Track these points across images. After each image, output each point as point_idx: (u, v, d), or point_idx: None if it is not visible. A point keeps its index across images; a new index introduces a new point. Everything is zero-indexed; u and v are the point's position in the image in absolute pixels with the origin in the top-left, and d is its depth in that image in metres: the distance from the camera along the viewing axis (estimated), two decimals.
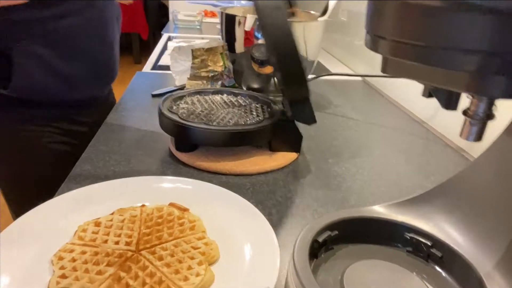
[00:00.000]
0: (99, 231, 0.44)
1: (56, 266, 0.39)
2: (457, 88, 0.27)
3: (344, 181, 0.62)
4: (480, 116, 0.29)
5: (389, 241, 0.41)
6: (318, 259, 0.38)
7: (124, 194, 0.51)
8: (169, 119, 0.61)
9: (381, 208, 0.42)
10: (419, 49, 0.26)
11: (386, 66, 0.31)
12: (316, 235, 0.37)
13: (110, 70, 0.89)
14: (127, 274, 0.38)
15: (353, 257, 0.38)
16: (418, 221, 0.40)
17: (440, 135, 0.81)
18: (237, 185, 0.58)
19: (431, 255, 0.38)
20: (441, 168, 0.68)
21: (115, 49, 0.88)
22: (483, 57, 0.24)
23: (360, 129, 0.82)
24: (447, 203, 0.40)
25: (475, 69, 0.24)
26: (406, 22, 0.26)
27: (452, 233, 0.38)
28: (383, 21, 0.28)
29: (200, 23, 1.90)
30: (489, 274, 0.34)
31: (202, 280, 0.38)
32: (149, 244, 0.43)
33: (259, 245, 0.43)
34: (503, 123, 0.36)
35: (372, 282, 0.35)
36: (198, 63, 0.88)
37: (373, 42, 0.29)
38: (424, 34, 0.25)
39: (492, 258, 0.34)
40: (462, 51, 0.24)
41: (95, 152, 0.64)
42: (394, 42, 0.27)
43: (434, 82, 0.28)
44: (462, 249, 0.36)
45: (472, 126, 0.30)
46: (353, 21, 1.33)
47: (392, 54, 0.28)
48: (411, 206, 0.41)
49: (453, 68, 0.25)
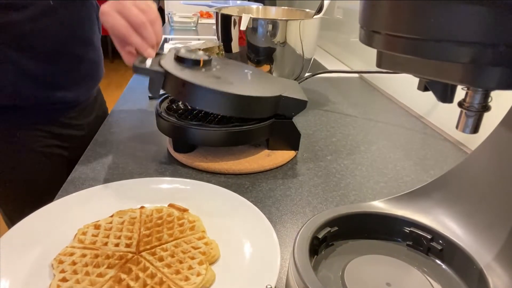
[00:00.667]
0: (99, 233, 0.44)
1: (56, 270, 0.39)
2: (452, 81, 0.27)
3: (343, 177, 0.62)
4: (476, 108, 0.29)
5: (389, 236, 0.41)
6: (319, 256, 0.38)
7: (123, 196, 0.51)
8: (166, 120, 0.61)
9: (381, 203, 0.42)
10: (413, 42, 0.26)
11: (381, 61, 0.31)
12: (316, 231, 0.37)
13: (93, 70, 0.87)
14: (128, 275, 0.38)
15: (354, 253, 0.38)
16: (418, 215, 0.40)
17: (438, 129, 0.81)
18: (236, 184, 0.58)
19: (431, 249, 0.38)
20: (439, 162, 0.68)
21: (96, 48, 0.86)
22: (477, 48, 0.24)
23: (358, 126, 0.82)
24: (446, 196, 0.40)
25: (470, 60, 0.24)
26: (399, 16, 0.26)
27: (452, 226, 0.38)
28: (377, 15, 0.28)
29: (196, 24, 1.90)
30: (489, 266, 0.34)
31: (203, 280, 0.38)
32: (149, 246, 0.43)
33: (259, 243, 0.43)
34: (500, 115, 0.36)
35: (373, 277, 0.35)
36: None
37: (367, 37, 0.29)
38: (418, 26, 0.25)
39: (492, 249, 0.34)
40: (456, 43, 0.24)
41: (93, 155, 0.64)
42: (388, 36, 0.27)
43: (429, 75, 0.28)
44: (462, 242, 0.36)
45: (468, 118, 0.30)
46: (349, 18, 1.34)
47: (387, 48, 0.28)
48: (410, 200, 0.41)
49: (448, 60, 0.25)
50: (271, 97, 0.60)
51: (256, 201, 0.54)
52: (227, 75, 0.63)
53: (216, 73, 0.62)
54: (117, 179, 0.56)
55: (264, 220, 0.46)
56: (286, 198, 0.55)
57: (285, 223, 0.50)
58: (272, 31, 0.80)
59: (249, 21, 0.80)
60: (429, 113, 0.86)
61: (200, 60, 0.62)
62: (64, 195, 0.51)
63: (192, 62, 0.62)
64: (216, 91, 0.56)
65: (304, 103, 0.63)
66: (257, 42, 0.82)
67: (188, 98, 0.58)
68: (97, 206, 0.49)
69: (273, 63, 0.84)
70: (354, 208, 0.41)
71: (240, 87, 0.60)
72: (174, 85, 0.58)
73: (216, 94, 0.56)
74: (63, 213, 0.47)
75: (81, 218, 0.46)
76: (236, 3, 1.53)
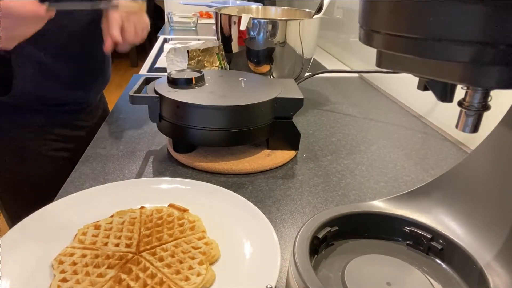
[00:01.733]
0: (99, 234, 0.44)
1: (56, 270, 0.39)
2: (452, 80, 0.27)
3: (343, 177, 0.62)
4: (476, 107, 0.29)
5: (389, 235, 0.41)
6: (319, 255, 0.38)
7: (123, 197, 0.51)
8: (166, 120, 0.61)
9: (381, 202, 0.42)
10: (413, 41, 0.26)
11: (380, 60, 0.31)
12: (316, 231, 0.37)
13: (105, 69, 0.88)
14: (128, 276, 0.38)
15: (354, 253, 0.38)
16: (418, 215, 0.40)
17: (438, 129, 0.81)
18: (236, 184, 0.58)
19: (431, 248, 0.38)
20: (440, 161, 0.68)
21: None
22: (477, 47, 0.24)
23: (358, 125, 0.82)
24: (446, 195, 0.40)
25: (469, 60, 0.24)
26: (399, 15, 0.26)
27: (452, 225, 0.38)
28: (376, 15, 0.28)
29: (195, 24, 1.90)
30: (489, 265, 0.34)
31: (203, 280, 0.38)
32: (149, 246, 0.43)
33: (259, 243, 0.43)
34: (500, 115, 0.36)
35: (373, 277, 0.35)
36: (195, 64, 0.88)
37: (367, 36, 0.29)
38: (417, 26, 0.25)
39: (492, 248, 0.34)
40: (456, 42, 0.24)
41: (94, 155, 0.64)
42: (388, 36, 0.27)
43: (428, 75, 0.28)
44: (462, 241, 0.36)
45: (468, 117, 0.30)
46: (348, 18, 1.34)
47: (386, 47, 0.28)
48: (410, 200, 0.41)
49: (447, 60, 0.25)
50: (265, 101, 0.60)
51: (256, 201, 0.54)
52: (220, 87, 0.64)
53: (209, 88, 0.63)
54: (117, 179, 0.56)
55: (264, 220, 0.46)
56: (286, 198, 0.55)
57: (285, 223, 0.50)
58: (272, 31, 0.80)
59: (249, 21, 0.80)
60: (429, 112, 0.86)
61: (192, 79, 0.63)
62: (64, 195, 0.51)
63: (185, 82, 0.63)
64: (208, 106, 0.57)
65: (300, 100, 0.63)
66: (256, 42, 0.82)
67: (184, 119, 0.59)
68: (97, 206, 0.49)
69: (273, 63, 0.84)
70: (354, 208, 0.41)
71: (233, 97, 0.60)
72: (170, 108, 0.59)
73: (209, 109, 0.58)
74: (63, 213, 0.47)
75: (81, 218, 0.46)
76: (236, 3, 1.53)
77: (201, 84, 0.64)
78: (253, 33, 0.81)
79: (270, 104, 0.61)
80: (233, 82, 0.68)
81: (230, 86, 0.65)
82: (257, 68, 0.85)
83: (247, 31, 0.81)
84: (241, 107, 0.58)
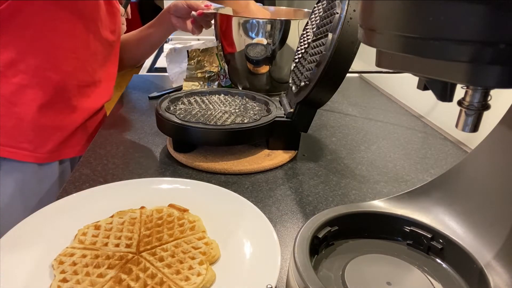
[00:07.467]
0: (99, 234, 0.44)
1: (56, 270, 0.39)
2: (452, 79, 0.27)
3: (343, 177, 0.62)
4: (476, 107, 0.29)
5: (389, 235, 0.41)
6: (319, 255, 0.38)
7: (123, 197, 0.51)
8: (166, 120, 0.61)
9: (381, 202, 0.42)
10: (413, 41, 0.26)
11: (380, 60, 0.31)
12: (316, 231, 0.37)
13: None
14: (128, 276, 0.38)
15: (354, 252, 0.38)
16: (418, 214, 0.40)
17: (438, 129, 0.81)
18: (236, 184, 0.58)
19: (431, 248, 0.38)
20: (439, 161, 0.68)
21: None
22: (477, 47, 0.24)
23: (358, 125, 0.82)
24: (446, 195, 0.40)
25: (469, 59, 0.24)
26: (399, 14, 0.26)
27: (452, 225, 0.38)
28: (376, 14, 0.28)
29: None
30: (489, 264, 0.34)
31: (203, 280, 0.38)
32: (149, 246, 0.43)
33: (259, 243, 0.43)
34: (499, 114, 0.36)
35: (373, 277, 0.35)
36: (194, 64, 0.88)
37: (367, 35, 0.29)
38: (417, 25, 0.25)
39: (492, 248, 0.34)
40: (456, 42, 0.24)
41: (94, 156, 0.64)
42: (387, 35, 0.27)
43: (428, 74, 0.28)
44: (462, 240, 0.36)
45: (468, 116, 0.30)
46: None
47: (386, 47, 0.28)
48: (410, 200, 0.41)
49: (447, 59, 0.25)
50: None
51: (256, 201, 0.54)
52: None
53: None
54: (117, 179, 0.56)
55: (264, 220, 0.46)
56: (286, 198, 0.55)
57: (285, 223, 0.50)
58: (271, 31, 0.80)
59: (248, 21, 0.80)
60: (429, 112, 0.86)
61: None
62: (64, 195, 0.51)
63: None
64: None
65: None
66: (256, 42, 0.82)
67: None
68: (97, 206, 0.49)
69: (272, 64, 0.84)
70: (354, 208, 0.41)
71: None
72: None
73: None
74: (63, 213, 0.47)
75: (81, 218, 0.46)
76: None
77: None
78: (253, 33, 0.81)
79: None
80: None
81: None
82: (256, 69, 0.85)
83: (246, 31, 0.81)
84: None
